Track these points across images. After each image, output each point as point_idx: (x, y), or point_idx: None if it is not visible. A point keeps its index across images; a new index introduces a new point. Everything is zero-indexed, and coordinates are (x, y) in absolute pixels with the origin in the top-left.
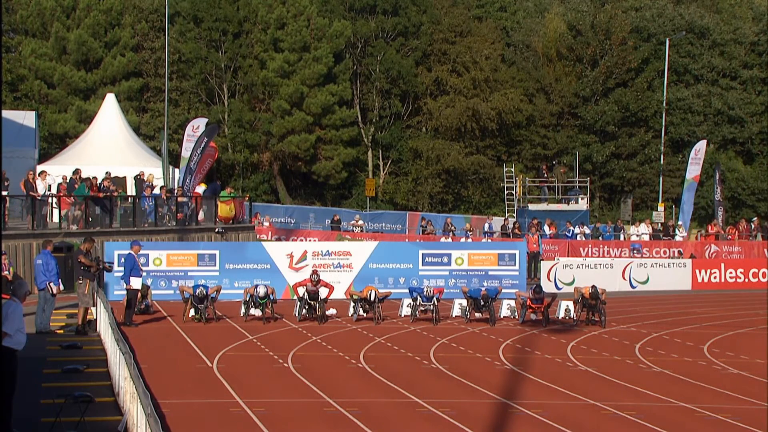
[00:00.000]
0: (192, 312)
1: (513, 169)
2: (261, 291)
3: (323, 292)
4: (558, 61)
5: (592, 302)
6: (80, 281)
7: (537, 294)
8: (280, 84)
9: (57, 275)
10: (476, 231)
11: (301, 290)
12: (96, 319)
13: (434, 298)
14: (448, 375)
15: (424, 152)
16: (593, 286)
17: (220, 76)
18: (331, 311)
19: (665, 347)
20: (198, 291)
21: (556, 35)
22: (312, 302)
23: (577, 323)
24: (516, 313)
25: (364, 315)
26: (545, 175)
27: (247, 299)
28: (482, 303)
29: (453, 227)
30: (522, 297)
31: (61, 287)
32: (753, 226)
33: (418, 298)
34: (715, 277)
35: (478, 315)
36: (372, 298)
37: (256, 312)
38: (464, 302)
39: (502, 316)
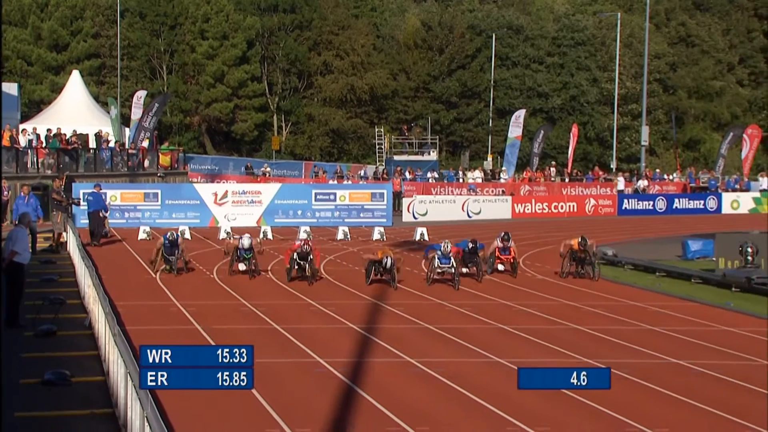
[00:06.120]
0: (163, 264)
1: (382, 130)
2: (246, 242)
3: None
4: (415, 49)
5: (581, 255)
6: (54, 213)
7: (505, 242)
8: (206, 64)
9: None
10: (355, 176)
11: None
12: (66, 242)
13: (453, 259)
14: (334, 283)
15: (316, 116)
16: (582, 237)
17: (160, 58)
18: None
19: None
20: (169, 235)
21: (413, 30)
22: (302, 262)
23: (566, 275)
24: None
25: (379, 277)
26: (406, 134)
27: (233, 253)
28: (469, 255)
29: (341, 172)
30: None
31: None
32: (553, 170)
33: (436, 258)
34: (528, 210)
35: (465, 270)
36: (388, 263)
37: (241, 266)
38: (346, 229)
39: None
